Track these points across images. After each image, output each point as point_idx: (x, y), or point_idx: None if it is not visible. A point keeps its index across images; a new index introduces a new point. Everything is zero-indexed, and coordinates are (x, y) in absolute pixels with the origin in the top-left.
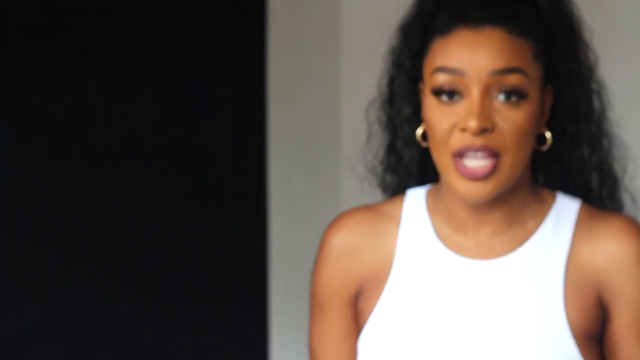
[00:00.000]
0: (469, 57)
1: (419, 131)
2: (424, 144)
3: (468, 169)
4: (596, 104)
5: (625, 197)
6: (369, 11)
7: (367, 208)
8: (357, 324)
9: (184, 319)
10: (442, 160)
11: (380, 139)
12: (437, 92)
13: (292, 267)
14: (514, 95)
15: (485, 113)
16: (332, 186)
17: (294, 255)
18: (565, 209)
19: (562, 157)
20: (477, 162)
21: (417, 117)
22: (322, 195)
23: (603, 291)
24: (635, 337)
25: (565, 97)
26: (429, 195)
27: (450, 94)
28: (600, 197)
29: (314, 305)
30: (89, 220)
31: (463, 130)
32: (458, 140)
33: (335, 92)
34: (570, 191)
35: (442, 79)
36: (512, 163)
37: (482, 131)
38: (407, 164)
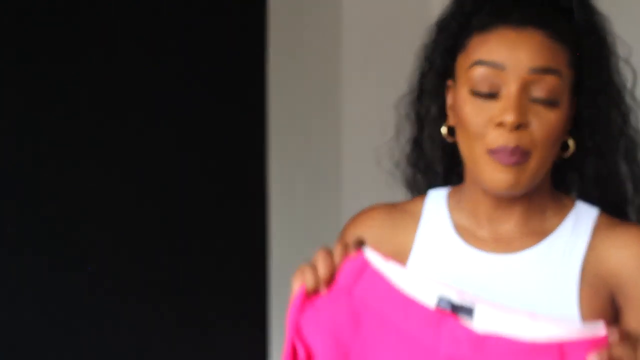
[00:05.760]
0: (510, 52)
1: (444, 129)
2: (449, 139)
3: (500, 155)
4: (618, 121)
5: None
6: (370, 11)
7: (388, 204)
8: None
9: (184, 318)
10: (475, 153)
11: (407, 134)
12: (476, 92)
13: (292, 267)
14: (549, 99)
15: (522, 109)
16: (333, 187)
17: (294, 255)
18: (584, 214)
19: (581, 168)
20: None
21: (443, 115)
22: (322, 196)
23: (617, 294)
24: None
25: (585, 111)
26: (450, 195)
27: (490, 95)
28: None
29: None
30: (90, 220)
31: (498, 125)
32: (494, 138)
33: (335, 92)
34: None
35: (480, 71)
36: (538, 162)
37: (517, 127)
38: (431, 162)
